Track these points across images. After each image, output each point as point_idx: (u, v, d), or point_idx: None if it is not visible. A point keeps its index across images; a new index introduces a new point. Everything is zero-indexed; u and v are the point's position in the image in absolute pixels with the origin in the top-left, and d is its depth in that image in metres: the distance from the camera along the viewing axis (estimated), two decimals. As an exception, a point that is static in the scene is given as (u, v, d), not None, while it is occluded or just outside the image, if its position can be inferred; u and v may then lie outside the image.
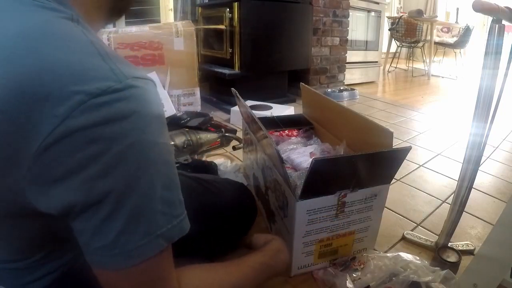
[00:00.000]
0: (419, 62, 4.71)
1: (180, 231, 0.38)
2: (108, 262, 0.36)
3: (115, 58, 0.35)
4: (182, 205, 0.39)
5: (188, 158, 1.26)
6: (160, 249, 0.37)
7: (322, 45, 2.65)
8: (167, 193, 0.37)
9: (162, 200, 0.36)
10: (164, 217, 0.37)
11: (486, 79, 0.72)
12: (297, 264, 0.79)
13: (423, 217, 1.09)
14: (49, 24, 0.34)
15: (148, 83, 0.36)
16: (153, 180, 0.35)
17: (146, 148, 0.34)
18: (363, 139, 0.88)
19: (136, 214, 0.35)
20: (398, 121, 2.18)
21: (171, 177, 0.38)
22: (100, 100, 0.31)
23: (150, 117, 0.34)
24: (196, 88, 2.03)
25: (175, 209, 0.38)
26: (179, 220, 0.38)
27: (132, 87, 0.33)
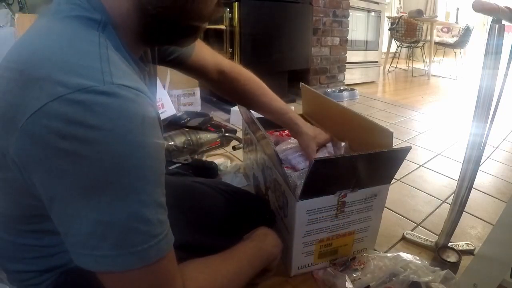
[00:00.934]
0: (419, 62, 4.71)
1: (157, 252, 0.37)
2: (79, 261, 0.36)
3: (116, 66, 0.36)
4: (163, 225, 0.38)
5: (188, 158, 1.26)
6: (132, 267, 0.36)
7: (322, 45, 2.65)
8: (144, 211, 0.35)
9: (137, 218, 0.35)
10: (140, 236, 0.36)
11: (486, 79, 0.72)
12: (297, 264, 0.79)
13: (423, 217, 1.09)
14: (66, 27, 0.37)
15: (138, 96, 0.35)
16: (123, 194, 0.34)
17: (117, 161, 0.33)
18: (363, 139, 0.88)
19: (96, 222, 0.34)
20: (398, 121, 2.18)
21: (151, 196, 0.36)
22: (78, 97, 0.32)
23: (123, 131, 0.33)
24: (196, 88, 2.03)
25: (153, 229, 0.37)
26: (157, 241, 0.37)
27: (114, 95, 0.33)
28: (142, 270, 0.37)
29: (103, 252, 0.35)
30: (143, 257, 0.36)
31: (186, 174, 1.07)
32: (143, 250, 0.36)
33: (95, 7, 0.39)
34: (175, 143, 1.27)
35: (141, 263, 0.36)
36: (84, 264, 0.36)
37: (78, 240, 0.35)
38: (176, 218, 0.74)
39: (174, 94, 1.95)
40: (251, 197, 0.88)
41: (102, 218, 0.34)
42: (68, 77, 0.32)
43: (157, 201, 0.37)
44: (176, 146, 1.27)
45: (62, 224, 0.36)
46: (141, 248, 0.35)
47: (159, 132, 0.38)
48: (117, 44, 0.40)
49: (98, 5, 0.39)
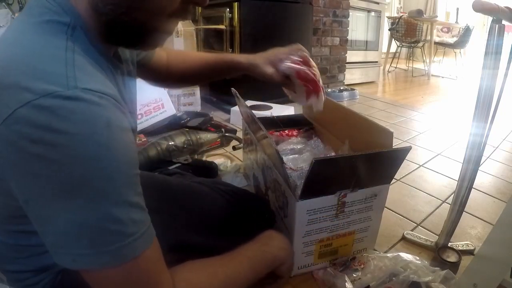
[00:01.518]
0: (419, 62, 4.71)
1: (133, 251, 0.38)
2: (58, 259, 0.37)
3: (82, 69, 0.36)
4: (138, 225, 0.38)
5: (188, 158, 1.26)
6: (107, 265, 0.37)
7: (322, 45, 2.65)
8: (115, 212, 0.36)
9: (108, 218, 0.36)
10: (111, 235, 0.36)
11: (486, 79, 0.72)
12: (297, 264, 0.79)
13: (423, 217, 1.09)
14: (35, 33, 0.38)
15: (102, 98, 0.35)
16: (92, 196, 0.35)
17: (83, 164, 0.34)
18: (363, 139, 0.88)
19: (70, 221, 0.35)
20: (398, 121, 2.18)
21: (121, 196, 0.37)
22: (44, 102, 0.32)
23: (88, 134, 0.34)
24: (196, 88, 2.03)
25: (126, 228, 0.37)
26: (131, 240, 0.37)
27: (77, 99, 0.34)
28: (119, 268, 0.38)
29: (78, 251, 0.36)
30: (118, 255, 0.37)
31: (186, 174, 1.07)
32: (117, 249, 0.36)
33: (65, 9, 0.39)
34: (175, 143, 1.27)
35: (116, 262, 0.37)
36: (63, 263, 0.37)
37: (54, 240, 0.37)
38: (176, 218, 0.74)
39: (174, 94, 1.95)
40: (251, 197, 0.88)
41: (75, 219, 0.35)
42: (34, 83, 0.33)
43: (128, 201, 0.37)
44: (176, 146, 1.27)
45: (38, 225, 0.38)
46: (115, 247, 0.36)
47: (126, 133, 0.37)
48: (86, 45, 0.40)
49: (68, 7, 0.40)
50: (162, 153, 1.24)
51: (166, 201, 0.74)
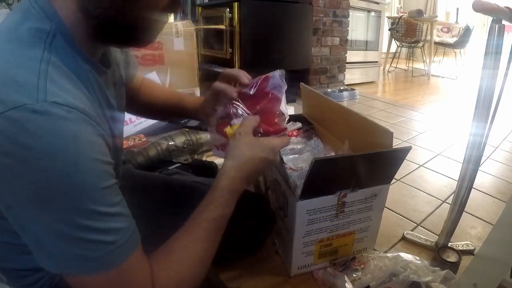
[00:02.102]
0: (419, 62, 4.71)
1: (113, 259, 0.38)
2: (41, 263, 0.38)
3: (54, 82, 0.36)
4: (117, 234, 0.39)
5: (188, 158, 1.26)
6: (86, 272, 0.38)
7: (322, 45, 2.65)
8: (93, 223, 0.36)
9: (84, 229, 0.36)
10: (91, 244, 0.37)
11: (486, 79, 0.72)
12: (297, 264, 0.79)
13: (423, 217, 1.09)
14: (14, 42, 0.38)
15: (70, 113, 0.35)
16: (63, 209, 0.35)
17: (51, 178, 0.34)
18: (363, 139, 0.88)
19: (49, 231, 0.36)
20: (398, 121, 2.18)
21: (91, 209, 0.36)
22: (13, 115, 0.33)
23: (54, 149, 0.34)
24: (196, 88, 2.03)
25: (107, 237, 0.38)
26: (113, 248, 0.38)
27: (45, 113, 0.34)
28: (102, 275, 0.38)
29: (59, 256, 0.37)
30: (97, 264, 0.38)
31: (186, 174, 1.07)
32: (99, 257, 0.37)
33: (47, 14, 0.39)
34: (175, 143, 1.27)
35: (95, 269, 0.38)
36: (45, 266, 0.38)
37: (35, 244, 0.38)
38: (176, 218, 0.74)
39: (174, 94, 1.95)
40: (251, 196, 0.88)
41: (50, 229, 0.36)
42: (6, 94, 0.34)
43: (104, 212, 0.37)
44: (176, 146, 1.27)
45: (18, 229, 0.38)
46: (97, 255, 0.37)
47: (95, 146, 0.38)
48: (66, 53, 0.40)
49: (51, 12, 0.40)
50: (162, 153, 1.24)
51: (166, 201, 0.74)
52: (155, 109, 0.79)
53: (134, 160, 1.17)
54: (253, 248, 0.83)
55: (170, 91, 0.82)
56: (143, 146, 1.27)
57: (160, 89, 0.81)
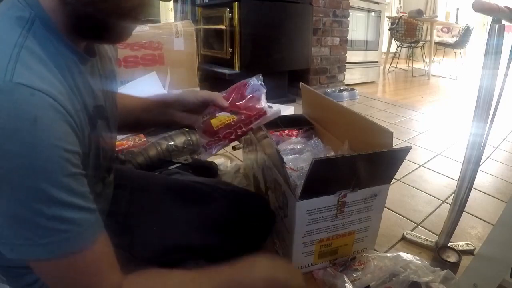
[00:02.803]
0: (419, 62, 4.71)
1: (66, 247, 0.38)
2: (1, 248, 0.39)
3: (25, 65, 0.36)
4: (71, 224, 0.39)
5: (188, 158, 1.26)
6: (41, 257, 0.38)
7: (322, 45, 2.65)
8: (47, 209, 0.36)
9: (41, 215, 0.36)
10: (42, 230, 0.37)
11: (486, 79, 0.72)
12: (297, 264, 0.79)
13: (423, 217, 1.09)
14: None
15: (34, 95, 0.35)
16: (18, 192, 0.35)
17: (7, 159, 0.34)
18: (363, 139, 0.88)
19: (4, 213, 0.36)
20: (398, 121, 2.18)
21: (50, 194, 0.36)
22: None
23: (12, 130, 0.34)
24: (196, 88, 2.03)
25: (60, 225, 0.38)
26: (67, 237, 0.38)
27: (8, 93, 0.34)
28: (55, 262, 0.39)
29: (14, 241, 0.37)
30: (50, 250, 0.38)
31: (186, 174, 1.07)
32: (50, 243, 0.37)
33: (28, 2, 0.40)
34: (175, 143, 1.27)
35: (50, 256, 0.38)
36: (4, 252, 0.38)
37: None
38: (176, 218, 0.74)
39: (174, 94, 1.95)
40: (251, 196, 0.89)
41: (5, 211, 0.36)
42: None
43: (59, 200, 0.37)
44: (176, 146, 1.27)
45: None
46: (47, 241, 0.37)
47: (57, 132, 0.37)
48: (44, 38, 0.40)
49: (32, 1, 0.41)
50: (162, 153, 1.24)
51: (166, 201, 0.74)
52: (135, 120, 0.76)
53: (134, 160, 1.17)
54: (253, 248, 0.83)
55: (140, 98, 0.78)
56: (143, 146, 1.27)
57: (132, 98, 0.78)
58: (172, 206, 0.73)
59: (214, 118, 0.71)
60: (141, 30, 1.86)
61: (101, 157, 0.53)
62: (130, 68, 1.79)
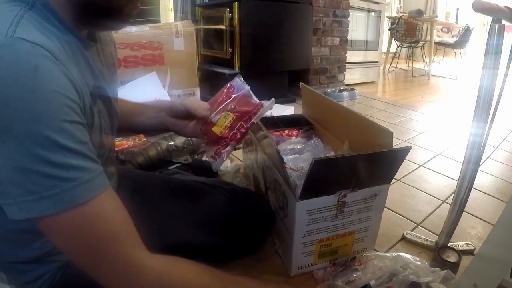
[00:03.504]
0: (419, 62, 4.71)
1: (72, 197, 0.38)
2: (9, 213, 0.38)
3: (25, 27, 0.38)
4: (78, 171, 0.38)
5: (188, 158, 1.26)
6: (48, 212, 0.37)
7: (322, 45, 2.65)
8: (47, 155, 0.36)
9: (40, 162, 0.36)
10: (48, 180, 0.36)
11: (486, 79, 0.72)
12: (297, 264, 0.79)
13: (423, 217, 1.09)
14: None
15: (34, 48, 0.37)
16: (21, 138, 0.35)
17: (9, 106, 0.35)
18: (363, 139, 0.88)
19: (9, 168, 0.36)
20: (398, 121, 2.18)
21: (53, 140, 0.36)
22: None
23: (14, 77, 0.35)
24: (196, 88, 2.03)
25: (64, 173, 0.37)
26: (72, 185, 0.38)
27: (9, 46, 0.36)
28: (64, 216, 0.38)
29: (21, 198, 0.36)
30: (57, 201, 0.37)
31: (186, 174, 1.07)
32: (56, 194, 0.37)
33: None
34: (175, 143, 1.27)
35: (58, 208, 0.37)
36: (13, 215, 0.37)
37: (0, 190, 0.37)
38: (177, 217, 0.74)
39: (174, 94, 1.95)
40: (251, 196, 0.89)
41: (9, 164, 0.36)
42: None
43: (63, 146, 0.37)
44: (176, 146, 1.27)
45: None
46: (53, 192, 0.37)
47: (57, 80, 0.38)
48: (44, 19, 0.42)
49: None
50: (162, 153, 1.24)
51: (167, 201, 0.74)
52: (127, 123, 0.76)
53: (134, 160, 1.17)
54: (253, 248, 0.83)
55: (134, 102, 0.79)
56: (143, 146, 1.27)
57: (126, 102, 0.78)
58: (172, 205, 0.73)
59: (213, 126, 0.71)
60: (141, 30, 1.86)
61: (103, 136, 0.53)
62: (130, 68, 1.79)
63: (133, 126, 0.77)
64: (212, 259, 0.73)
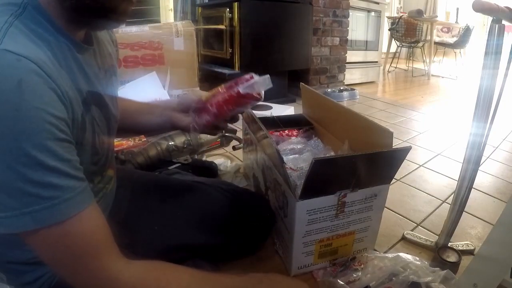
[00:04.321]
0: (419, 62, 4.71)
1: (51, 215, 0.38)
2: None
3: (12, 37, 0.38)
4: (59, 189, 0.38)
5: (188, 158, 1.26)
6: (27, 228, 0.37)
7: (322, 45, 2.65)
8: (31, 173, 0.36)
9: (25, 179, 0.36)
10: (28, 197, 0.37)
11: (486, 79, 0.72)
12: (297, 264, 0.79)
13: (423, 217, 1.09)
14: None
15: (19, 61, 0.36)
16: (1, 155, 0.35)
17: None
18: (363, 139, 0.88)
19: None
20: (398, 121, 2.18)
21: (35, 159, 0.36)
22: None
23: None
24: (196, 88, 2.03)
25: (44, 191, 0.37)
26: (51, 204, 0.38)
27: None
28: (44, 232, 0.38)
29: (2, 214, 0.37)
30: (37, 218, 0.37)
31: (186, 174, 1.07)
32: (35, 212, 0.37)
33: None
34: (175, 143, 1.27)
35: (37, 225, 0.38)
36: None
37: None
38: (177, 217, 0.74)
39: (174, 94, 1.95)
40: (252, 196, 0.89)
41: None
42: None
43: (44, 164, 0.37)
44: (176, 146, 1.27)
45: None
46: (32, 209, 0.37)
47: (42, 96, 0.37)
48: (35, 23, 0.41)
49: None
50: (162, 153, 1.23)
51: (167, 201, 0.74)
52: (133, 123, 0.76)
53: (134, 160, 1.17)
54: (253, 248, 0.83)
55: (139, 102, 0.78)
56: (143, 146, 1.27)
57: (130, 101, 0.78)
58: (172, 206, 0.73)
59: None
60: (141, 30, 1.86)
61: (97, 143, 0.52)
62: (130, 68, 1.79)
63: (138, 126, 0.76)
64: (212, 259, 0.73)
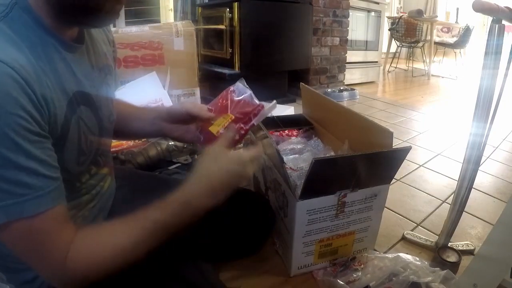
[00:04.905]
0: (419, 62, 4.71)
1: (21, 211, 0.40)
2: None
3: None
4: (27, 188, 0.40)
5: (188, 158, 1.26)
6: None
7: (322, 45, 2.65)
8: (3, 172, 0.38)
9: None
10: (2, 193, 0.39)
11: (486, 79, 0.72)
12: (297, 264, 0.79)
13: (423, 217, 1.09)
14: None
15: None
16: None
17: None
18: (363, 139, 0.88)
19: None
20: (398, 121, 2.18)
21: (10, 159, 0.38)
22: None
23: None
24: (196, 88, 2.03)
25: (15, 188, 0.39)
26: (21, 200, 0.40)
27: None
28: (12, 225, 0.40)
29: None
30: (7, 212, 0.39)
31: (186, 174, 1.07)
32: (6, 206, 0.39)
33: None
34: (175, 143, 1.27)
35: (6, 218, 0.40)
36: None
37: None
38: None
39: (174, 94, 1.95)
40: (252, 196, 0.88)
41: None
42: None
43: (15, 164, 0.39)
44: (176, 146, 1.27)
45: None
46: (4, 203, 0.39)
47: (16, 101, 0.38)
48: (21, 23, 0.42)
49: None
50: (162, 153, 1.24)
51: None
52: (128, 127, 0.75)
53: (134, 160, 1.17)
54: (253, 248, 0.83)
55: (134, 106, 0.78)
56: (143, 146, 1.27)
57: (126, 105, 0.77)
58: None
59: (211, 125, 0.70)
60: (141, 30, 1.86)
61: (83, 143, 0.52)
62: (130, 68, 1.79)
63: (130, 130, 0.76)
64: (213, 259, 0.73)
